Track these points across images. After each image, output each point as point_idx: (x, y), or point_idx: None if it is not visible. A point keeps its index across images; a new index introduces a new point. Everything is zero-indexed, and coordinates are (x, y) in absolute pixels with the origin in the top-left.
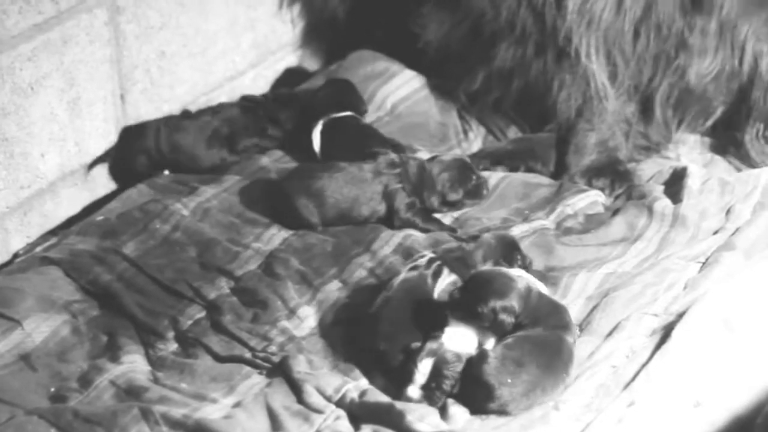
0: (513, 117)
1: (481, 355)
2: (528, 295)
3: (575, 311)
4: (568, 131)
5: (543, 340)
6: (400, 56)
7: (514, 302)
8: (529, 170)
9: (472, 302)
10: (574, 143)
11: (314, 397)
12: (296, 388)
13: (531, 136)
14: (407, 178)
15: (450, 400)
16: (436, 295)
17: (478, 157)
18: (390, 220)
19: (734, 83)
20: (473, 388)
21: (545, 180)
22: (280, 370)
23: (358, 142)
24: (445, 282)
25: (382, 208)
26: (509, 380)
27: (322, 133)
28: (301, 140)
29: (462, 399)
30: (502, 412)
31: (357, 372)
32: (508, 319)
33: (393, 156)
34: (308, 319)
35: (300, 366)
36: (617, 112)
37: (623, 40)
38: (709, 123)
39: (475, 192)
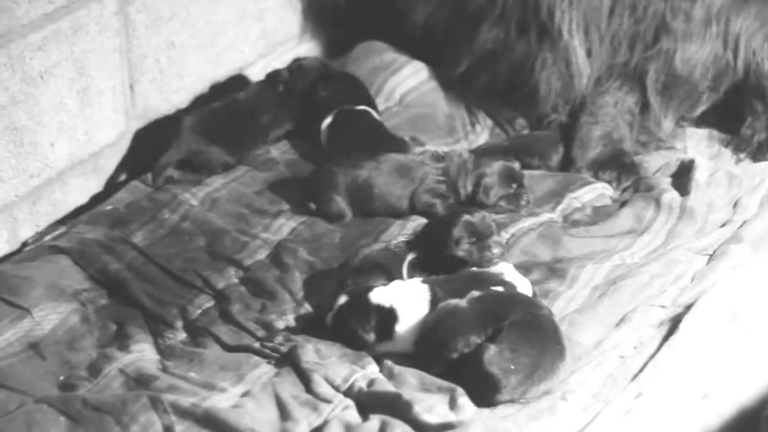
0: (521, 109)
1: (481, 348)
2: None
3: (581, 299)
4: (571, 125)
5: (522, 324)
6: (389, 40)
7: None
8: (526, 166)
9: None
10: (578, 137)
11: (323, 387)
12: (304, 378)
13: (528, 133)
14: (448, 173)
15: (459, 391)
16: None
17: (475, 154)
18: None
19: (727, 77)
20: (480, 382)
21: (551, 173)
22: (288, 360)
23: (365, 137)
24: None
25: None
26: (512, 366)
27: (331, 125)
28: (309, 131)
29: (472, 397)
30: (511, 401)
31: (365, 360)
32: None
33: (437, 150)
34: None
35: (308, 356)
36: (618, 103)
37: (599, 16)
38: (697, 112)
39: (514, 200)
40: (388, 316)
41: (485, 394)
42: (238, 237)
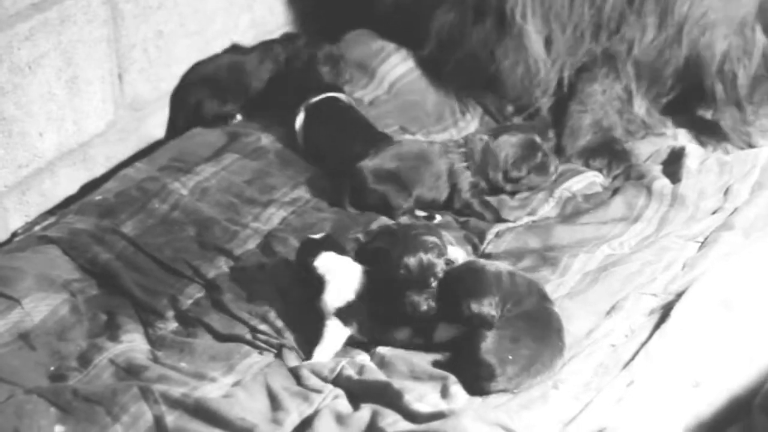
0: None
1: (478, 336)
2: (499, 279)
3: (571, 285)
4: (560, 114)
5: (531, 315)
6: (365, 25)
7: (492, 299)
8: None
9: (452, 304)
10: (568, 126)
11: (312, 380)
12: (293, 374)
13: (512, 123)
14: (472, 156)
15: (451, 379)
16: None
17: (494, 134)
18: (451, 201)
19: (675, 63)
20: (475, 369)
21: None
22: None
23: (346, 134)
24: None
25: (443, 194)
26: (510, 357)
27: (305, 121)
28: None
29: (465, 384)
30: (506, 391)
31: (353, 351)
32: (491, 313)
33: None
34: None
35: (293, 361)
36: (607, 90)
37: (558, 5)
38: (668, 98)
39: (542, 168)
40: (318, 283)
41: (479, 381)
42: (228, 226)
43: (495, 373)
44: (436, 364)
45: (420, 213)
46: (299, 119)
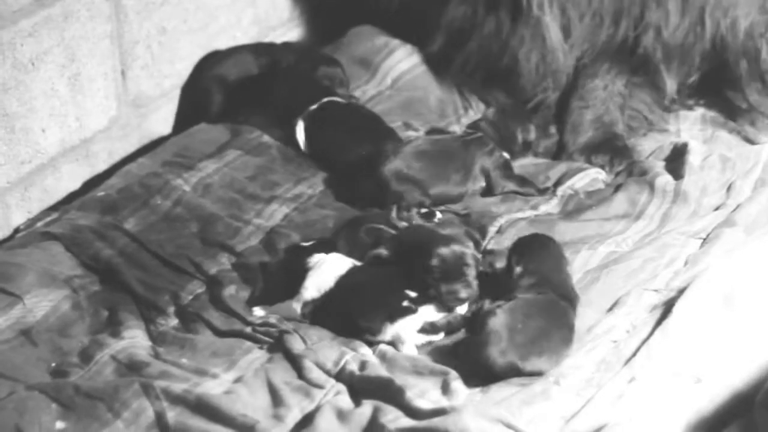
0: (499, 89)
1: (490, 310)
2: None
3: (573, 282)
4: (561, 110)
5: (548, 300)
6: (371, 21)
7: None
8: (511, 154)
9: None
10: (570, 122)
11: (314, 373)
12: (296, 365)
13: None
14: (489, 137)
15: (452, 375)
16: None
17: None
18: (489, 189)
19: (701, 44)
20: (484, 338)
21: (542, 161)
22: (279, 345)
23: (353, 134)
24: None
25: (472, 186)
26: (519, 326)
27: (307, 129)
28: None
29: (469, 363)
30: (509, 364)
31: (355, 343)
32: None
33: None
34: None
35: (297, 343)
36: (608, 86)
37: None
38: (694, 77)
39: (544, 129)
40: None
41: (486, 350)
42: (231, 222)
43: (503, 340)
44: (435, 354)
45: (420, 211)
46: (299, 129)
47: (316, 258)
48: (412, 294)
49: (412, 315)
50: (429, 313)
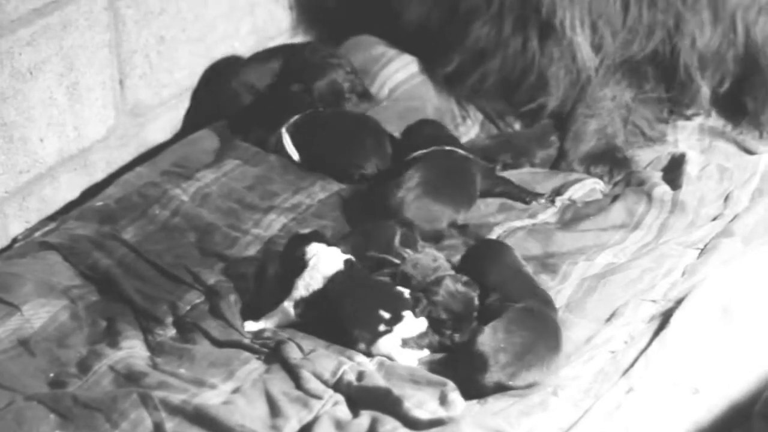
0: (515, 104)
1: (475, 330)
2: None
3: (569, 292)
4: (566, 118)
5: (527, 310)
6: (381, 37)
7: None
8: (505, 166)
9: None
10: (573, 130)
11: (312, 383)
12: (293, 375)
13: (513, 131)
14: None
15: (449, 386)
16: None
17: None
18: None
19: (732, 52)
20: (469, 361)
21: (540, 171)
22: (277, 356)
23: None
24: None
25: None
26: (502, 345)
27: (294, 138)
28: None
29: (460, 383)
30: (499, 384)
31: (351, 352)
32: None
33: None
34: None
35: (294, 353)
36: (617, 97)
37: (610, 11)
38: (726, 85)
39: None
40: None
41: (474, 373)
42: (229, 232)
43: (488, 363)
44: (432, 365)
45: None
46: (286, 139)
47: (314, 249)
48: (386, 315)
49: (389, 335)
50: (405, 329)
